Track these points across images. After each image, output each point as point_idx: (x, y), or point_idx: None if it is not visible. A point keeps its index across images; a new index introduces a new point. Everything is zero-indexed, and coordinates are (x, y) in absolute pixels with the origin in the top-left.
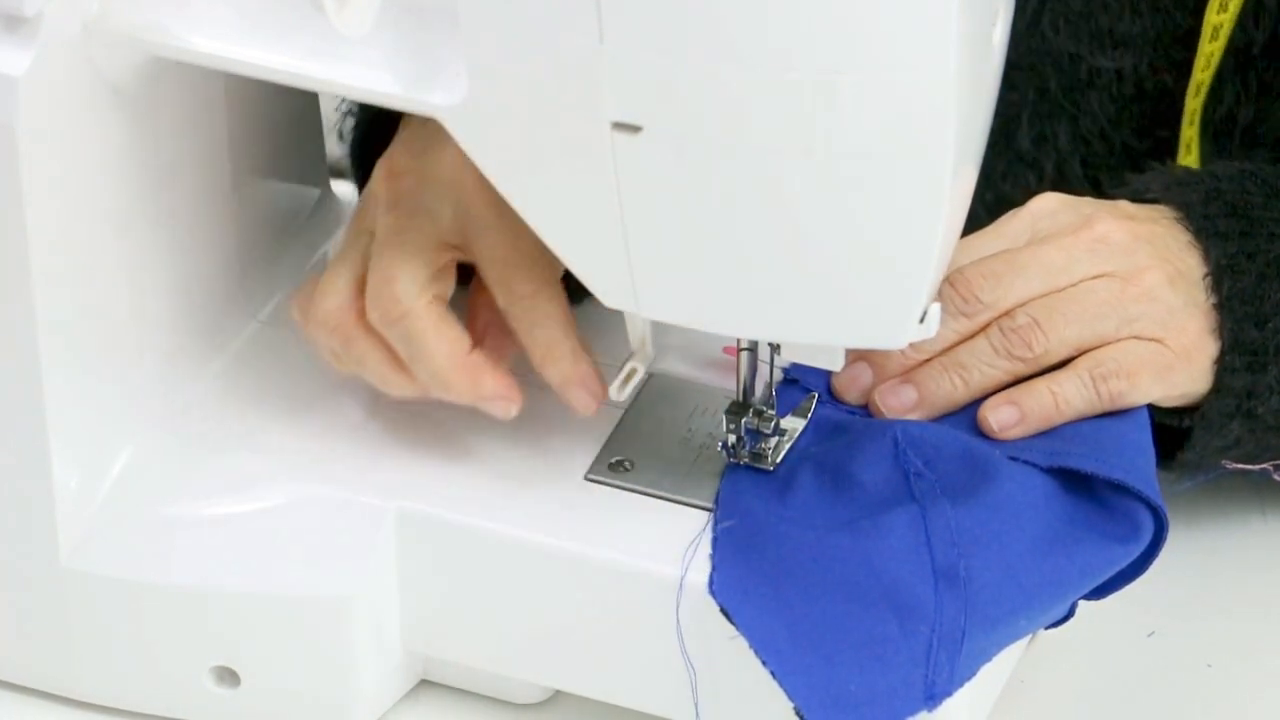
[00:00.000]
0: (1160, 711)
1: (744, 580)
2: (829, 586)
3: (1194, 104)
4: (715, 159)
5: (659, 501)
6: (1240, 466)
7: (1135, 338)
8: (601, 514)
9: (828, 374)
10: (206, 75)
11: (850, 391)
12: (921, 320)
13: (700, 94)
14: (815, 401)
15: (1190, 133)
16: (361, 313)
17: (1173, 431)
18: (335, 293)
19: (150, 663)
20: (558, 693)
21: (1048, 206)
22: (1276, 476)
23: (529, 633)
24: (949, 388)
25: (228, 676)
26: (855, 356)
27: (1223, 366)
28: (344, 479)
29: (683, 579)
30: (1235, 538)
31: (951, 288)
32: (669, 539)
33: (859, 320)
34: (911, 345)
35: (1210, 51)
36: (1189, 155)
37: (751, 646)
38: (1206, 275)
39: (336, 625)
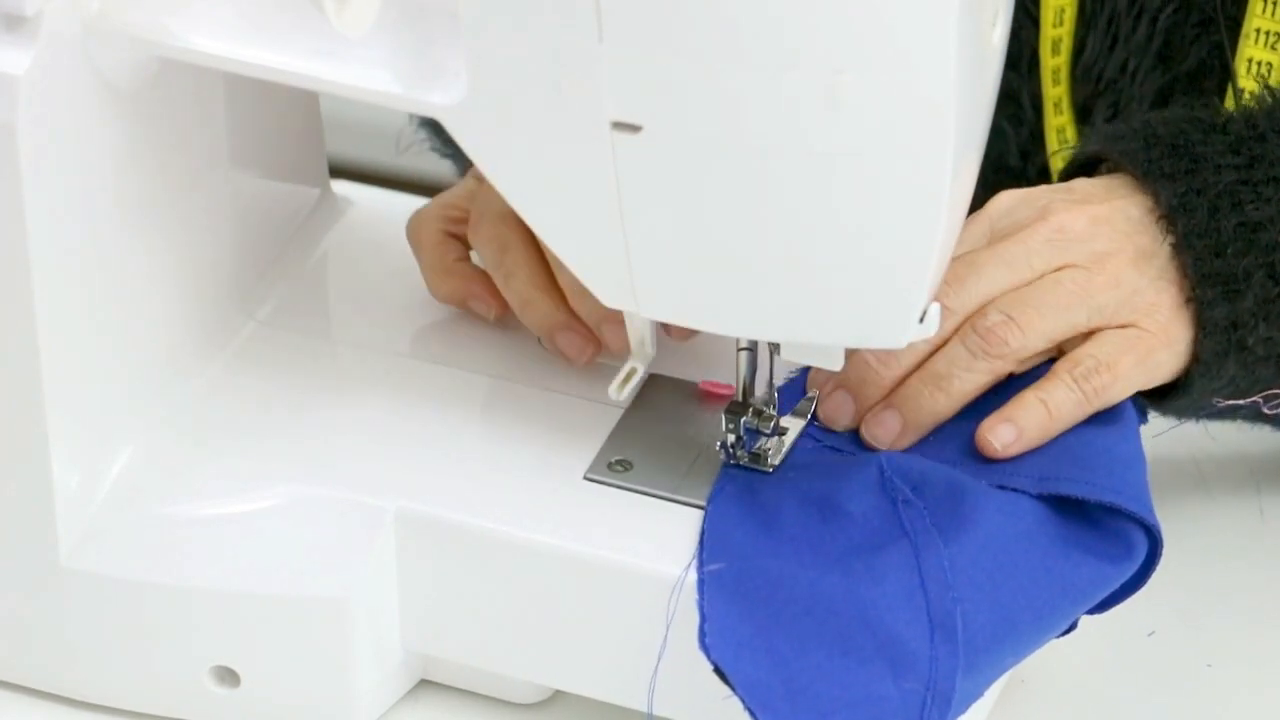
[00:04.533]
0: (1160, 711)
1: (736, 632)
2: (824, 640)
3: (1055, 62)
4: (715, 159)
5: (658, 501)
6: (1230, 403)
7: (1108, 327)
8: (601, 514)
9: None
10: (206, 75)
11: (838, 420)
12: (921, 320)
13: (700, 94)
14: (814, 404)
15: (1057, 91)
16: (526, 225)
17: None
18: (503, 203)
19: (150, 663)
20: (558, 693)
21: (1004, 205)
22: (1266, 409)
23: (529, 633)
24: (931, 403)
25: (228, 676)
26: (833, 385)
27: (1200, 302)
28: (344, 479)
29: (684, 578)
30: (1234, 537)
31: None
32: (668, 539)
33: (859, 320)
34: (886, 366)
35: (1055, 66)
36: (1059, 115)
37: (746, 706)
38: (1160, 218)
39: (336, 625)
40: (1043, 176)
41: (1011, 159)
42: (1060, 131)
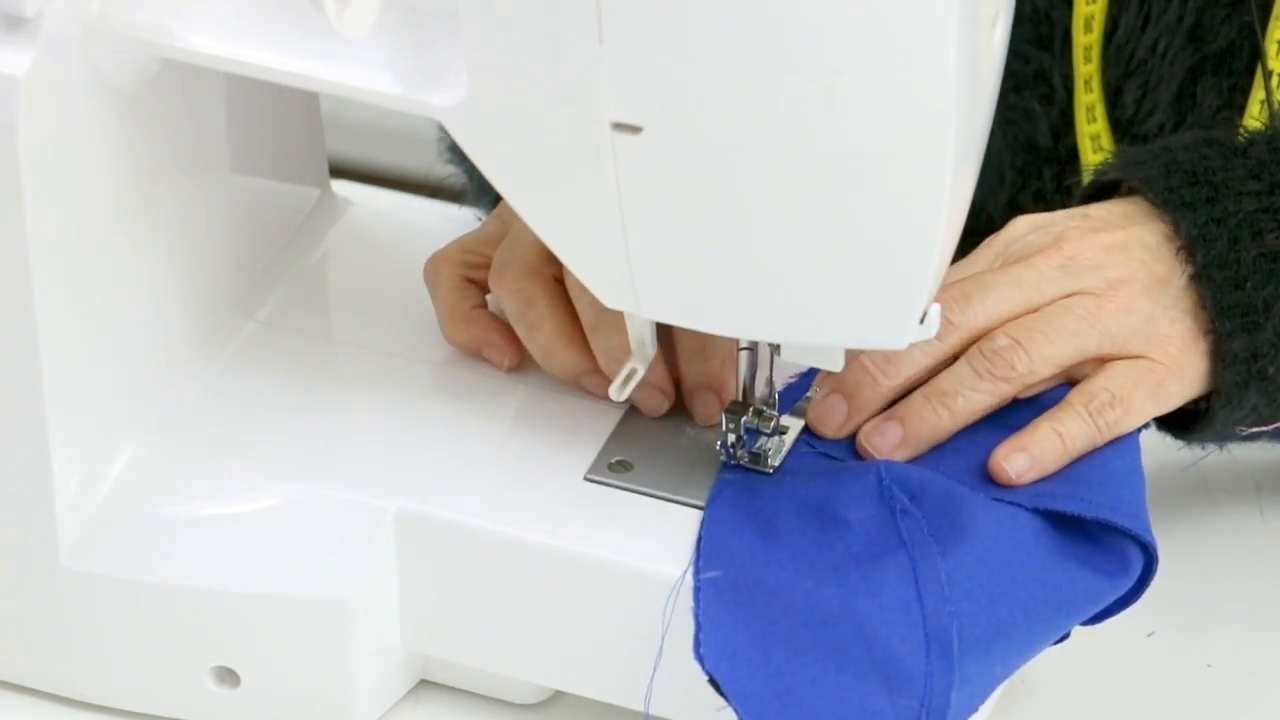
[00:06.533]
0: (1160, 711)
1: (731, 642)
2: (819, 653)
3: (1087, 39)
4: (715, 159)
5: (658, 502)
6: (1254, 430)
7: (1119, 357)
8: (601, 514)
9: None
10: (206, 75)
11: (827, 425)
12: (922, 321)
13: (700, 94)
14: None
15: (1088, 69)
16: (550, 278)
17: (1188, 410)
18: (528, 252)
19: (150, 663)
20: (558, 693)
21: (1018, 230)
22: None
23: (529, 633)
24: (934, 419)
25: (228, 676)
26: (828, 389)
27: (1219, 334)
28: (344, 479)
29: (682, 581)
30: (1235, 538)
31: None
32: (668, 539)
33: (859, 321)
34: (884, 374)
35: (1087, 43)
36: (1090, 93)
37: (740, 717)
38: (1180, 249)
39: (336, 625)
40: (1073, 157)
41: (1042, 138)
42: (1090, 109)
